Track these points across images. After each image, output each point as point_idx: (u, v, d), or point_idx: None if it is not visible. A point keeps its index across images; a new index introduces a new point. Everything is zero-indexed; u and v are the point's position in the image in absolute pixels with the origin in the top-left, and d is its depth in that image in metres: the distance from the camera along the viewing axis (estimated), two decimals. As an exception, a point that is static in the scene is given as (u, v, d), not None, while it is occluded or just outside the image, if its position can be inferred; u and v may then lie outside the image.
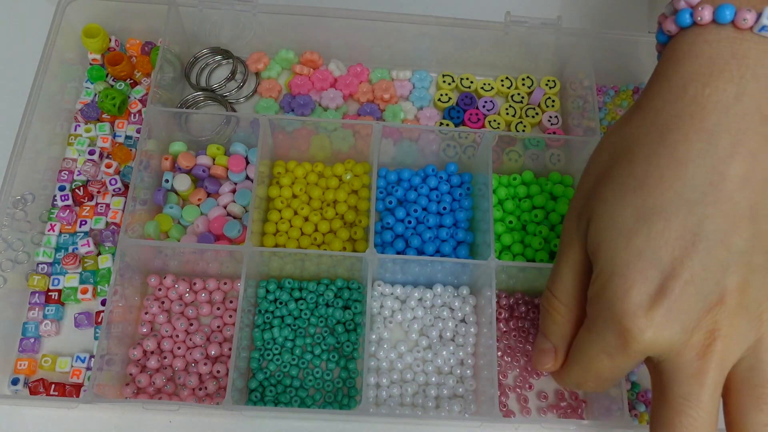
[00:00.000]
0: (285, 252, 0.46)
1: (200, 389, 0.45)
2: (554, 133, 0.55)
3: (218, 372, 0.46)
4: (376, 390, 0.46)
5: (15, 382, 0.45)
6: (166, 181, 0.51)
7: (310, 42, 0.56)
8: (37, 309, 0.47)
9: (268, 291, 0.48)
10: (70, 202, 0.51)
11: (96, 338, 0.47)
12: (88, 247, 0.49)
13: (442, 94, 0.56)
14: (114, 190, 0.51)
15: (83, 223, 0.50)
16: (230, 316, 0.48)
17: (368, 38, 0.55)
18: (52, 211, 0.50)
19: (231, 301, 0.48)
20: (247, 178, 0.52)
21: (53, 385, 0.45)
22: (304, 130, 0.51)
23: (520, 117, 0.56)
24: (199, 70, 0.57)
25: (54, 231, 0.50)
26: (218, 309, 0.48)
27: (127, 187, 0.51)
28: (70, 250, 0.49)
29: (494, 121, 0.56)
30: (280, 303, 0.48)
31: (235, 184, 0.52)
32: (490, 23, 0.53)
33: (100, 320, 0.47)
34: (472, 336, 0.48)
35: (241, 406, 0.43)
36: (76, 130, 0.54)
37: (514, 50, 0.56)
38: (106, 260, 0.49)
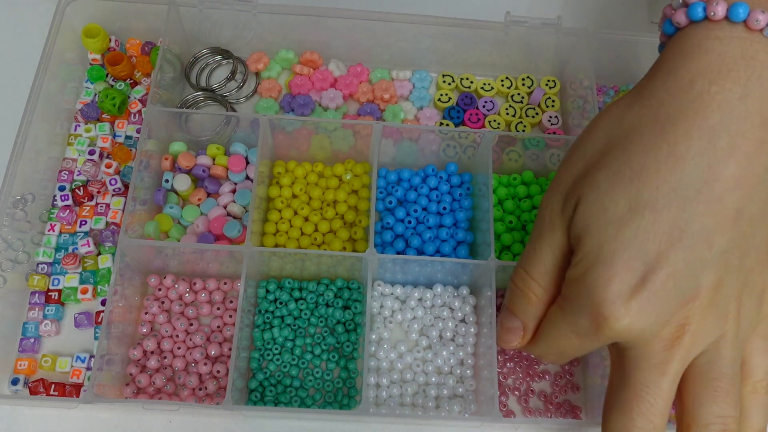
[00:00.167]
0: (285, 252, 0.46)
1: (200, 389, 0.45)
2: (554, 133, 0.55)
3: (218, 372, 0.46)
4: (376, 390, 0.46)
5: (15, 382, 0.45)
6: (166, 181, 0.51)
7: (310, 42, 0.56)
8: (37, 309, 0.47)
9: (268, 291, 0.48)
10: (70, 202, 0.51)
11: (96, 338, 0.47)
12: (88, 247, 0.49)
13: (442, 94, 0.56)
14: (114, 190, 0.51)
15: (83, 223, 0.50)
16: (230, 316, 0.48)
17: (368, 38, 0.55)
18: (52, 211, 0.50)
19: (231, 301, 0.48)
20: (247, 178, 0.52)
21: (53, 385, 0.45)
22: (304, 130, 0.51)
23: (520, 117, 0.56)
24: (199, 70, 0.57)
25: (54, 231, 0.50)
26: (218, 309, 0.48)
27: (127, 187, 0.51)
28: (70, 250, 0.49)
29: (494, 121, 0.56)
30: (280, 303, 0.48)
31: (235, 184, 0.52)
32: (490, 23, 0.54)
33: (100, 320, 0.47)
34: (472, 336, 0.48)
35: (241, 406, 0.43)
36: (76, 130, 0.54)
37: (514, 50, 0.56)
38: (106, 260, 0.49)
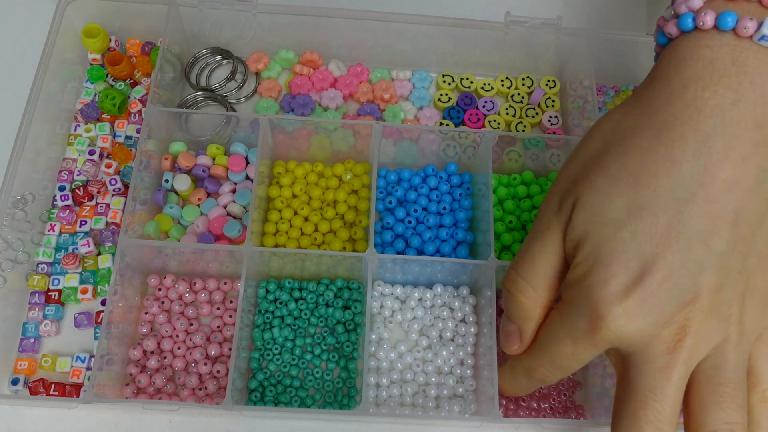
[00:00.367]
0: (285, 252, 0.46)
1: (200, 389, 0.45)
2: (554, 133, 0.55)
3: (218, 372, 0.46)
4: (376, 390, 0.46)
5: (15, 382, 0.45)
6: (166, 181, 0.51)
7: (310, 42, 0.56)
8: (37, 309, 0.47)
9: (268, 291, 0.48)
10: (70, 202, 0.51)
11: (96, 338, 0.47)
12: (88, 247, 0.49)
13: (442, 94, 0.56)
14: (114, 190, 0.51)
15: (83, 223, 0.50)
16: (230, 316, 0.48)
17: (368, 38, 0.55)
18: (52, 211, 0.50)
19: (231, 301, 0.48)
20: (247, 178, 0.52)
21: (53, 385, 0.45)
22: (304, 130, 0.51)
23: (520, 117, 0.56)
24: (199, 70, 0.57)
25: (54, 231, 0.50)
26: (218, 309, 0.48)
27: (127, 187, 0.51)
28: (70, 250, 0.49)
29: (494, 121, 0.56)
30: (280, 303, 0.48)
31: (235, 184, 0.52)
32: (490, 23, 0.54)
33: (100, 320, 0.47)
34: (472, 336, 0.48)
35: (241, 406, 0.43)
36: (76, 130, 0.54)
37: (514, 50, 0.56)
38: (106, 260, 0.49)
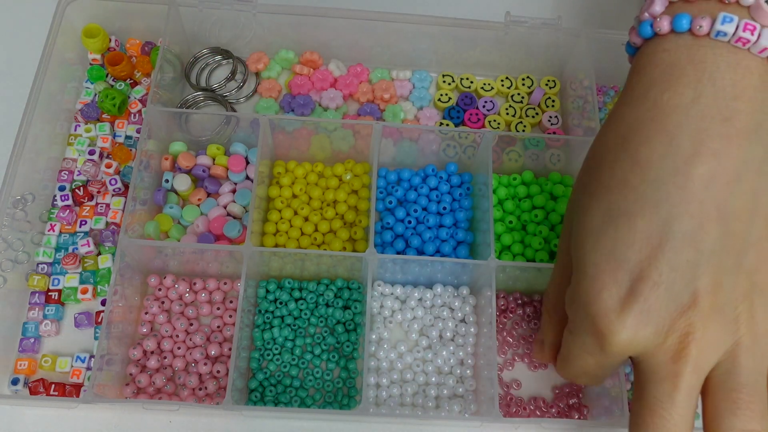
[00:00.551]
0: (285, 252, 0.46)
1: (200, 389, 0.45)
2: (554, 133, 0.55)
3: (218, 372, 0.46)
4: (376, 390, 0.46)
5: (15, 382, 0.45)
6: (166, 181, 0.51)
7: (310, 42, 0.56)
8: (37, 309, 0.47)
9: (268, 291, 0.48)
10: (70, 202, 0.51)
11: (96, 338, 0.47)
12: (88, 247, 0.49)
13: (442, 94, 0.56)
14: (114, 190, 0.51)
15: (83, 223, 0.50)
16: (230, 316, 0.48)
17: (368, 38, 0.55)
18: (52, 211, 0.50)
19: (231, 301, 0.48)
20: (247, 178, 0.52)
21: (53, 385, 0.45)
22: (304, 130, 0.51)
23: (520, 117, 0.56)
24: (199, 70, 0.57)
25: (54, 231, 0.50)
26: (218, 309, 0.48)
27: (127, 187, 0.51)
28: (70, 250, 0.49)
29: (494, 121, 0.55)
30: (280, 303, 0.48)
31: (235, 184, 0.52)
32: (490, 23, 0.53)
33: (100, 320, 0.47)
34: (472, 336, 0.48)
35: (241, 406, 0.43)
36: (76, 130, 0.54)
37: (514, 50, 0.56)
38: (106, 260, 0.49)
